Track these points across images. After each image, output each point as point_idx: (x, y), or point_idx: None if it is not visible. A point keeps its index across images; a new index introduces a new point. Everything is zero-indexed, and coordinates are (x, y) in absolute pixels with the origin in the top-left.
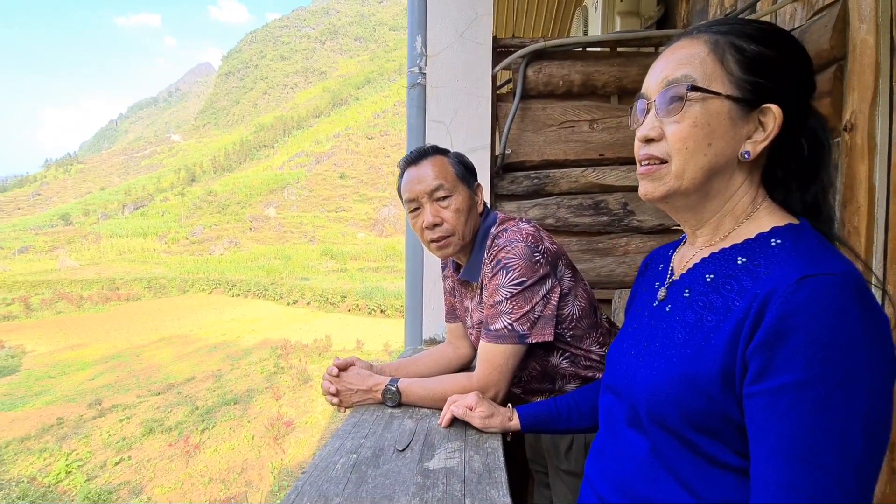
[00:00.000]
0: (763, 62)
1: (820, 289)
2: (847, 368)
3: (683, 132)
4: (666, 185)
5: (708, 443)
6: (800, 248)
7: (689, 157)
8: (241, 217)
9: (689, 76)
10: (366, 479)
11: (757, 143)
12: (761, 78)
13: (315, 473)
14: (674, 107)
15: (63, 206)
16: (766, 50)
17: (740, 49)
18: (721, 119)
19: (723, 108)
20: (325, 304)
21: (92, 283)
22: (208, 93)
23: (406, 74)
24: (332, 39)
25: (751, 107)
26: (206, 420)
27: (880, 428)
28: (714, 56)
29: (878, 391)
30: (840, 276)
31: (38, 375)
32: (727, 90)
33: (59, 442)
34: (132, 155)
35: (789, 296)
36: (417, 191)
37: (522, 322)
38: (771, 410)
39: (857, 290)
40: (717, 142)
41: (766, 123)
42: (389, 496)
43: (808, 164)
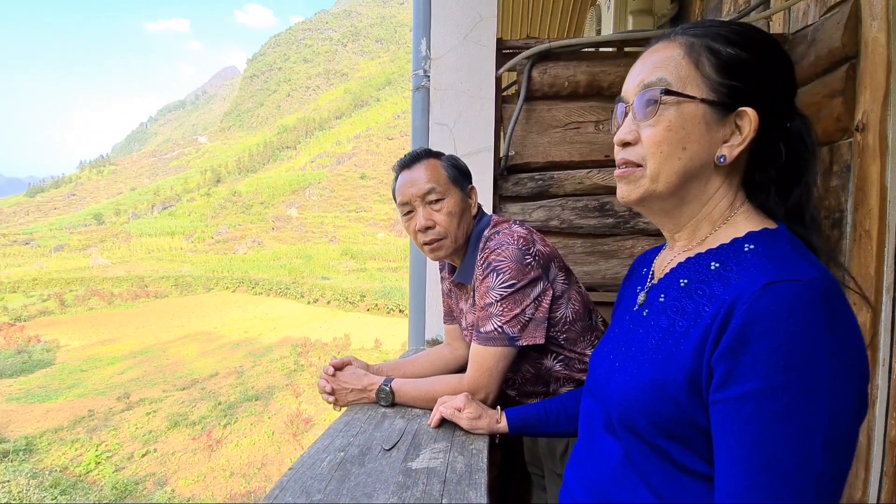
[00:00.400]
0: (739, 65)
1: (785, 295)
2: (810, 377)
3: (658, 136)
4: (641, 188)
5: (677, 450)
6: (771, 254)
7: (664, 161)
8: (264, 217)
9: (664, 80)
10: (349, 477)
11: (733, 147)
12: (737, 81)
13: (301, 470)
14: (649, 110)
15: (96, 206)
16: (742, 53)
17: (716, 52)
18: (696, 123)
19: (697, 111)
20: (345, 304)
21: (122, 281)
22: (234, 95)
23: (412, 77)
24: (353, 41)
25: (726, 110)
26: (229, 415)
27: (843, 439)
28: (689, 59)
29: (842, 402)
30: (807, 283)
31: (71, 369)
32: (702, 94)
33: (89, 433)
34: (161, 156)
35: (753, 302)
36: (410, 194)
37: (513, 325)
38: (733, 418)
39: (824, 298)
40: (692, 146)
41: (742, 127)
42: (369, 494)
43: (790, 168)
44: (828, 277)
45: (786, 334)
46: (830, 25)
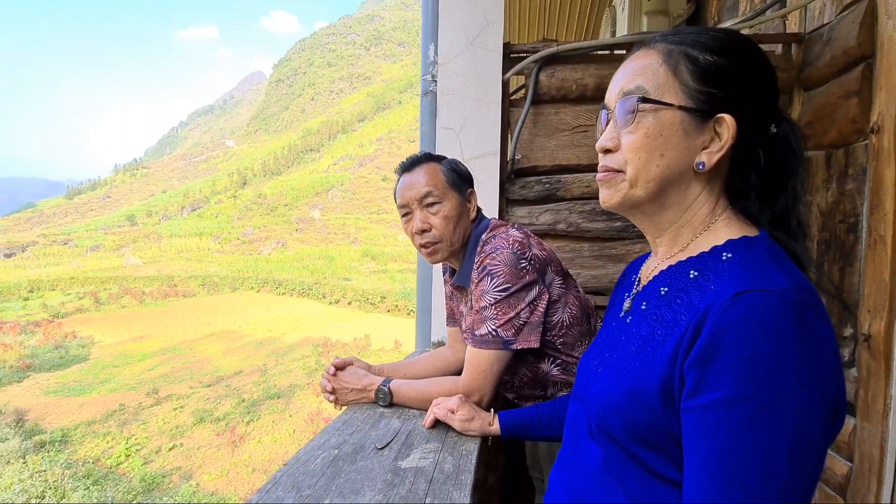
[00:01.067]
0: (717, 72)
1: (754, 305)
2: (776, 388)
3: (636, 143)
4: (621, 192)
5: (652, 457)
6: (747, 263)
7: (643, 167)
8: (288, 218)
9: (642, 87)
10: (340, 474)
11: (712, 154)
12: (714, 87)
13: (296, 466)
14: (628, 118)
15: (129, 208)
16: (720, 59)
17: (694, 59)
18: (673, 130)
19: (675, 118)
20: (366, 304)
21: (153, 280)
22: (260, 100)
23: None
24: (376, 45)
25: (705, 117)
26: (252, 412)
27: (809, 451)
28: (667, 66)
29: (809, 414)
30: (779, 293)
31: (104, 364)
32: (679, 101)
33: (120, 427)
34: (191, 160)
35: (724, 311)
36: (408, 197)
37: (507, 328)
38: (701, 427)
39: (795, 309)
40: (670, 152)
41: (720, 134)
42: (356, 491)
43: (776, 174)
44: (802, 288)
45: (753, 344)
46: (846, 24)
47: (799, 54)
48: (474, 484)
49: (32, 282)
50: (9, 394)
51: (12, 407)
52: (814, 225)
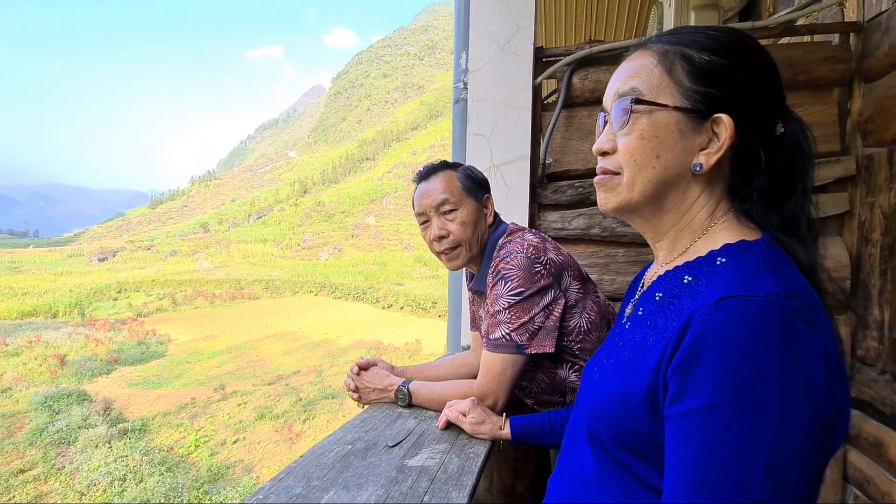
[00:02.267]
0: (714, 71)
1: (737, 311)
2: (756, 397)
3: (631, 145)
4: (618, 195)
5: (639, 465)
6: (740, 268)
7: (639, 170)
8: (344, 225)
9: (637, 89)
10: (348, 468)
11: (710, 155)
12: (711, 87)
13: (310, 458)
14: (623, 120)
15: (203, 216)
16: (717, 58)
17: (689, 59)
18: (669, 131)
19: (670, 119)
20: (417, 309)
21: (222, 283)
22: (320, 112)
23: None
24: (429, 55)
25: (702, 118)
26: (308, 411)
27: (791, 467)
28: (662, 67)
29: (790, 425)
30: (764, 299)
31: (179, 360)
32: (675, 101)
33: (191, 419)
34: (257, 170)
35: (706, 317)
36: (425, 205)
37: (521, 332)
38: (680, 434)
39: (781, 316)
40: (666, 154)
41: (719, 134)
42: (360, 485)
43: (784, 175)
44: (794, 294)
45: (733, 351)
46: None
47: (858, 44)
48: (474, 485)
49: (121, 283)
50: (99, 384)
51: (101, 396)
52: (876, 228)
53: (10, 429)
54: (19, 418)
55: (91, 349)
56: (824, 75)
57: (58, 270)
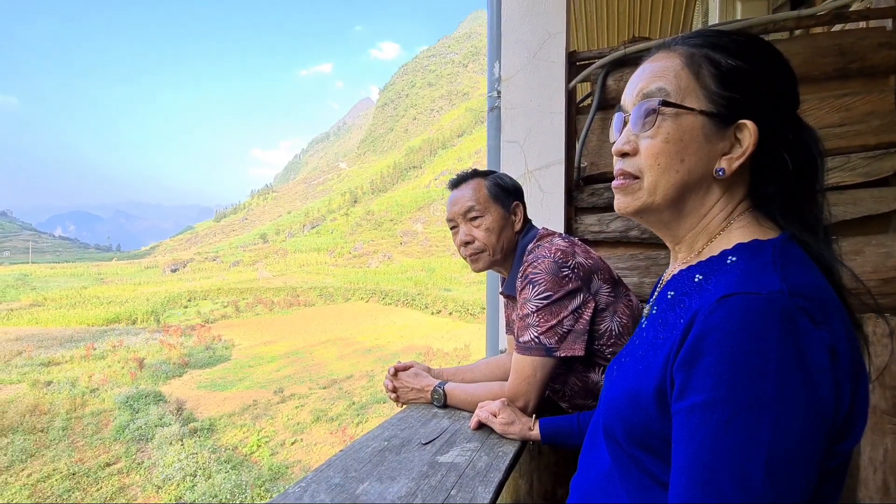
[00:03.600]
0: (739, 77)
1: (738, 308)
2: (753, 394)
3: (656, 148)
4: (639, 200)
5: (651, 461)
6: (747, 266)
7: (662, 174)
8: (393, 232)
9: (664, 90)
10: (383, 463)
11: (732, 160)
12: (737, 93)
13: (349, 453)
14: (647, 121)
15: (262, 227)
16: (742, 64)
17: (716, 63)
18: (694, 135)
19: (696, 123)
20: (466, 315)
21: (280, 291)
22: (368, 124)
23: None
24: (474, 61)
25: (725, 122)
26: (361, 414)
27: (791, 463)
28: (689, 70)
29: (791, 423)
30: (766, 296)
31: (242, 364)
32: (701, 105)
33: (253, 420)
34: (310, 183)
35: (708, 315)
36: (454, 212)
37: (549, 335)
38: (683, 429)
39: (782, 312)
40: (690, 158)
41: (742, 140)
42: (393, 478)
43: (800, 180)
44: (801, 293)
45: (733, 348)
46: None
47: None
48: (500, 482)
49: (190, 292)
50: (172, 386)
51: (174, 397)
52: None
53: (98, 425)
54: (105, 416)
55: (165, 353)
56: (879, 62)
57: (136, 281)
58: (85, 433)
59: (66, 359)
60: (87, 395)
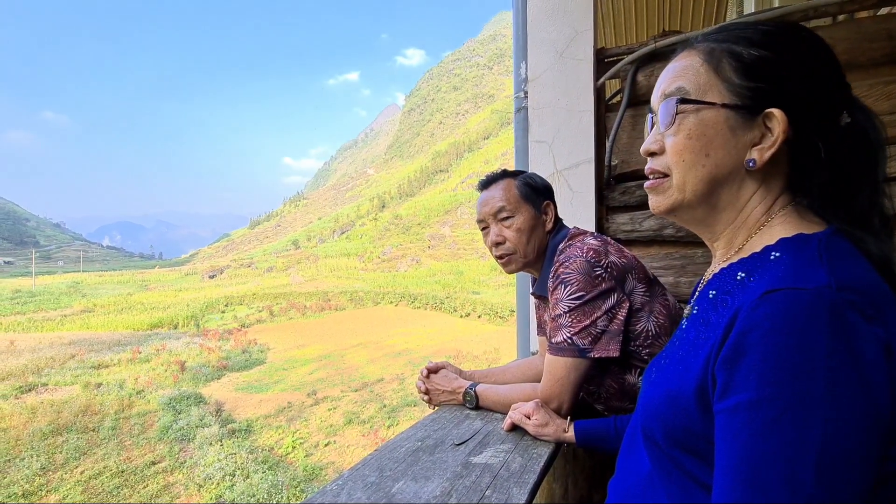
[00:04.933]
0: (763, 66)
1: (782, 304)
2: (801, 391)
3: (679, 145)
4: (670, 198)
5: (693, 463)
6: (792, 261)
7: (688, 170)
8: (421, 236)
9: (683, 88)
10: (417, 462)
11: (763, 151)
12: (761, 82)
13: (384, 452)
14: (670, 120)
15: (294, 234)
16: (766, 53)
17: (737, 55)
18: (718, 128)
19: (719, 117)
20: (495, 318)
21: (312, 296)
22: (395, 130)
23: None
24: (499, 63)
25: (752, 113)
26: (392, 417)
27: (843, 463)
28: (709, 66)
29: (843, 421)
30: (813, 291)
31: (277, 367)
32: (723, 99)
33: (288, 422)
34: (339, 189)
35: (751, 311)
36: (484, 213)
37: (583, 336)
38: (727, 429)
39: (831, 308)
40: (716, 152)
41: (772, 129)
42: (427, 477)
43: (850, 168)
44: (851, 287)
45: (777, 345)
46: None
47: None
48: (535, 484)
49: (227, 297)
50: (211, 388)
51: (214, 399)
52: None
53: (144, 426)
54: (150, 417)
55: (205, 356)
56: None
57: (177, 287)
58: (132, 433)
59: (114, 362)
60: (133, 397)
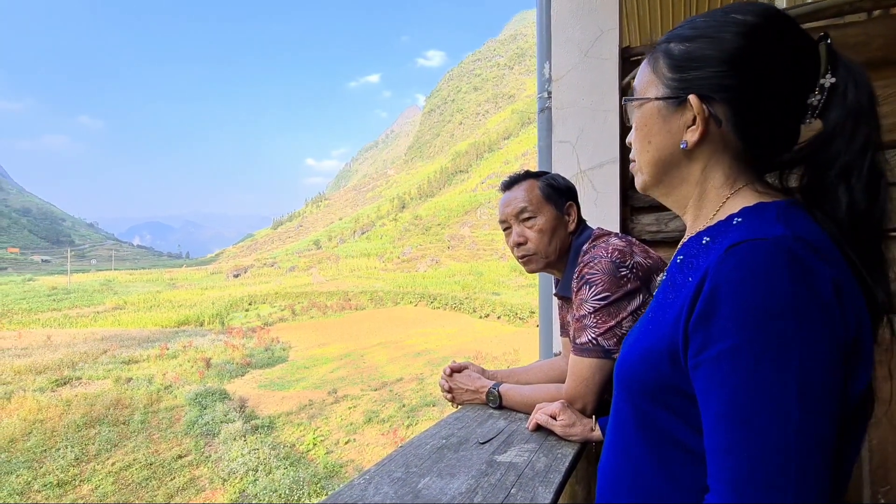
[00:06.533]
0: (687, 58)
1: (746, 254)
2: (776, 332)
3: (633, 136)
4: (638, 179)
5: (667, 418)
6: (753, 223)
7: (640, 155)
8: (440, 237)
9: (633, 88)
10: (442, 459)
11: (693, 132)
12: (685, 73)
13: (409, 449)
14: (628, 116)
15: (315, 234)
16: (691, 45)
17: (669, 52)
18: (654, 119)
19: (654, 108)
20: (515, 319)
21: (333, 295)
22: (415, 131)
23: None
24: (519, 63)
25: (680, 102)
26: (411, 417)
27: (821, 394)
28: (648, 67)
29: (814, 354)
30: (772, 241)
31: (298, 365)
32: (657, 93)
33: (309, 419)
34: (360, 190)
35: (719, 265)
36: (506, 213)
37: (608, 337)
38: (712, 378)
39: (790, 253)
40: (655, 138)
41: (698, 113)
42: (452, 474)
43: (839, 133)
44: (806, 237)
45: (746, 292)
46: None
47: None
48: (561, 483)
49: (251, 296)
50: (235, 385)
51: (238, 395)
52: None
53: (172, 420)
54: (177, 411)
55: (229, 354)
56: None
57: (203, 286)
58: (160, 427)
59: (143, 357)
60: (161, 392)
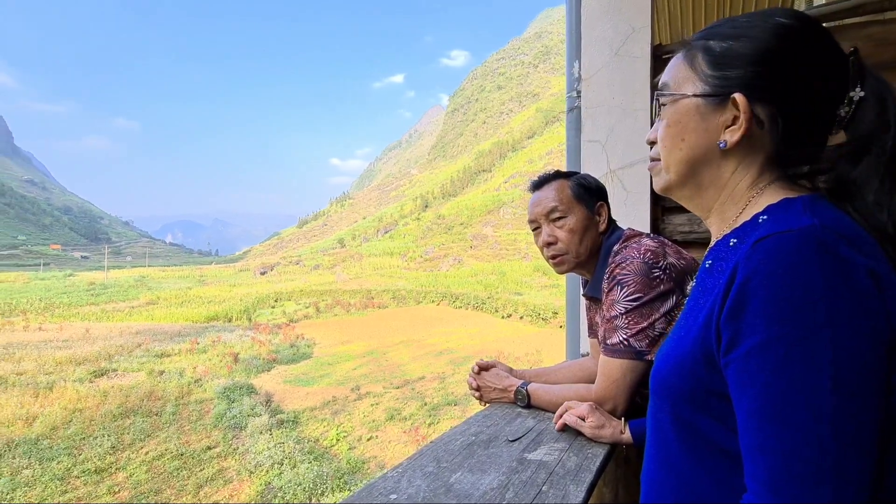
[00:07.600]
0: (730, 56)
1: (773, 248)
2: (806, 323)
3: (662, 132)
4: (662, 179)
5: (708, 424)
6: (779, 217)
7: (669, 154)
8: (463, 236)
9: (665, 83)
10: (472, 455)
11: (734, 132)
12: (728, 70)
13: (439, 444)
14: (658, 111)
15: (339, 233)
16: (734, 43)
17: (709, 49)
18: (690, 115)
19: (691, 105)
20: (537, 319)
21: (356, 293)
22: (438, 130)
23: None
24: (544, 61)
25: (722, 99)
26: (433, 416)
27: (855, 383)
28: (685, 62)
29: (848, 345)
30: (798, 232)
31: (322, 362)
32: (695, 90)
33: (333, 415)
34: (384, 189)
35: (746, 261)
36: (536, 213)
37: (640, 338)
38: (743, 375)
39: (819, 243)
40: (690, 136)
41: (740, 112)
42: (483, 471)
43: (855, 143)
44: (835, 226)
45: (776, 285)
46: None
47: None
48: (592, 483)
49: (277, 293)
50: (262, 380)
51: (264, 390)
52: None
53: (201, 412)
54: (206, 404)
55: (256, 349)
56: None
57: (231, 283)
58: (190, 419)
59: (175, 351)
60: (191, 385)
